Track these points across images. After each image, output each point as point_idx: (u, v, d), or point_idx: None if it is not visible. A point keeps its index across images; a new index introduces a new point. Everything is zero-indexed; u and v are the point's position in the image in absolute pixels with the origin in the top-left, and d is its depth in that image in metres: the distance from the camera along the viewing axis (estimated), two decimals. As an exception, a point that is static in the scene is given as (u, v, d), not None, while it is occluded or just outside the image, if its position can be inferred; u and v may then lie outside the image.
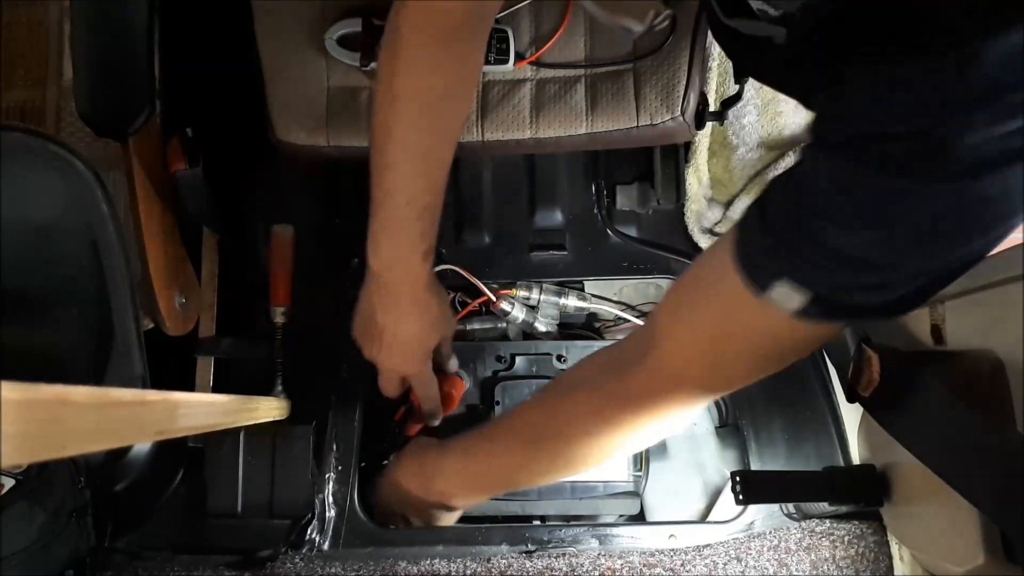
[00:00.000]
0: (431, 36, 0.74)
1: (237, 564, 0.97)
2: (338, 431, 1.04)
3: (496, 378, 1.07)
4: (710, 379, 0.66)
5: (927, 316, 0.71)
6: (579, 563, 0.97)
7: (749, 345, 0.61)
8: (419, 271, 0.84)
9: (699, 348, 0.64)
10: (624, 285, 1.15)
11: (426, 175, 0.80)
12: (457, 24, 0.74)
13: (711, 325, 0.62)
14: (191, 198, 0.98)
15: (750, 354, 0.62)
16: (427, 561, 0.97)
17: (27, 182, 0.82)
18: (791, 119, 1.11)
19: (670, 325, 0.66)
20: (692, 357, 0.65)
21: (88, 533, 0.89)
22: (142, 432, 0.41)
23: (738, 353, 0.62)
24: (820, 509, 0.96)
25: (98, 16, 0.86)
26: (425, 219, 0.81)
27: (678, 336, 0.65)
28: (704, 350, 0.64)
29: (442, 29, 0.74)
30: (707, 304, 0.62)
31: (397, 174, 0.79)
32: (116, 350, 0.84)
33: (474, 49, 0.81)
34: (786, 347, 0.60)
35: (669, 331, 0.66)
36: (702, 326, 0.63)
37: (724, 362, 0.64)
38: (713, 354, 0.64)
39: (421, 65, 0.75)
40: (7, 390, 0.27)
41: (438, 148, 0.80)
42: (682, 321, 0.65)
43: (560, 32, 0.93)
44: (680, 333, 0.65)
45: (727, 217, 1.14)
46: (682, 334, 0.65)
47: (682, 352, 0.65)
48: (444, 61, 0.76)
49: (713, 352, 0.63)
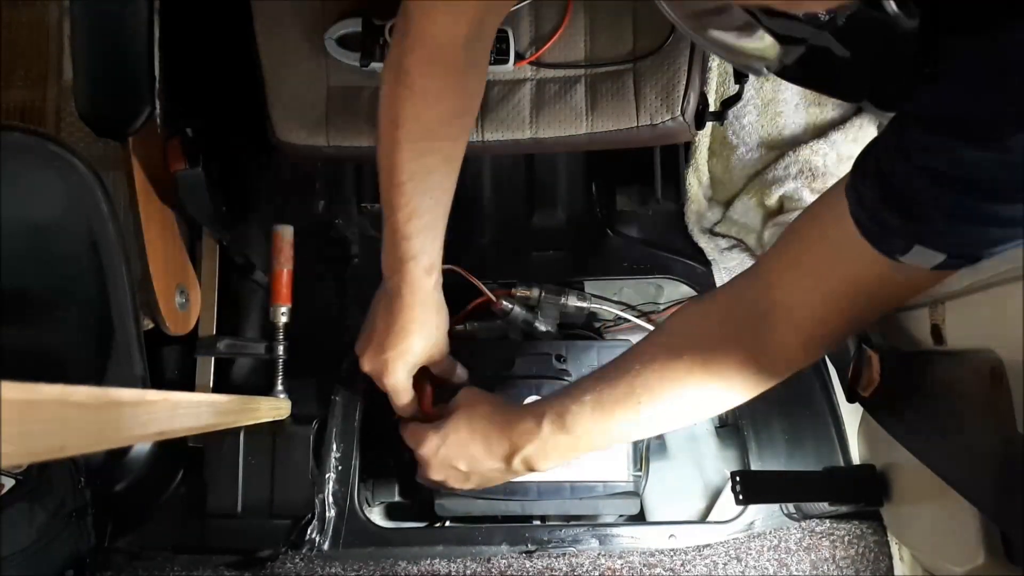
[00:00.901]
0: (433, 66, 0.78)
1: (237, 564, 0.97)
2: (338, 431, 1.04)
3: (496, 378, 1.07)
4: (831, 334, 0.71)
5: (927, 316, 0.71)
6: (579, 563, 0.97)
7: (878, 299, 0.66)
8: (421, 283, 0.85)
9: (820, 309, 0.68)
10: (624, 285, 1.15)
11: (427, 194, 0.83)
12: (458, 56, 0.78)
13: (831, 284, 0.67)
14: (191, 198, 0.98)
15: (872, 304, 0.68)
16: (427, 561, 0.97)
17: (27, 182, 0.82)
18: (791, 119, 1.11)
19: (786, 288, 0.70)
20: (812, 315, 0.69)
21: (88, 533, 0.89)
22: (142, 432, 0.41)
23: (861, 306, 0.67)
24: (820, 509, 0.96)
25: (98, 16, 0.86)
26: (425, 235, 0.83)
27: (797, 298, 0.69)
28: (828, 309, 0.68)
29: (443, 61, 0.78)
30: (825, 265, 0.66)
31: (399, 192, 0.81)
32: (116, 350, 0.84)
33: (475, 76, 0.84)
34: (911, 293, 0.67)
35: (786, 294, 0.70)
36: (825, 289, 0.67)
37: (852, 316, 0.69)
38: (837, 312, 0.68)
39: (423, 94, 0.79)
40: (7, 390, 0.27)
41: (440, 169, 0.83)
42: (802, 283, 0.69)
43: (560, 32, 0.93)
44: (800, 295, 0.69)
45: (727, 217, 1.14)
46: (802, 295, 0.69)
47: (802, 310, 0.69)
48: (445, 90, 0.80)
49: (833, 308, 0.68)
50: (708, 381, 0.75)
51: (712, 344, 0.74)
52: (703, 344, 0.75)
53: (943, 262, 0.57)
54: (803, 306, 0.69)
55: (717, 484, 1.09)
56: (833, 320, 0.69)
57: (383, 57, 0.90)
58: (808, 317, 0.69)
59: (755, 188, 1.10)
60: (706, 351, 0.74)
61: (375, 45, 0.91)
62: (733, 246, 1.13)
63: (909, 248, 0.58)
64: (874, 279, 0.63)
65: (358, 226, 1.15)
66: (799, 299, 0.69)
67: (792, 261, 0.71)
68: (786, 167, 1.08)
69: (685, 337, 0.77)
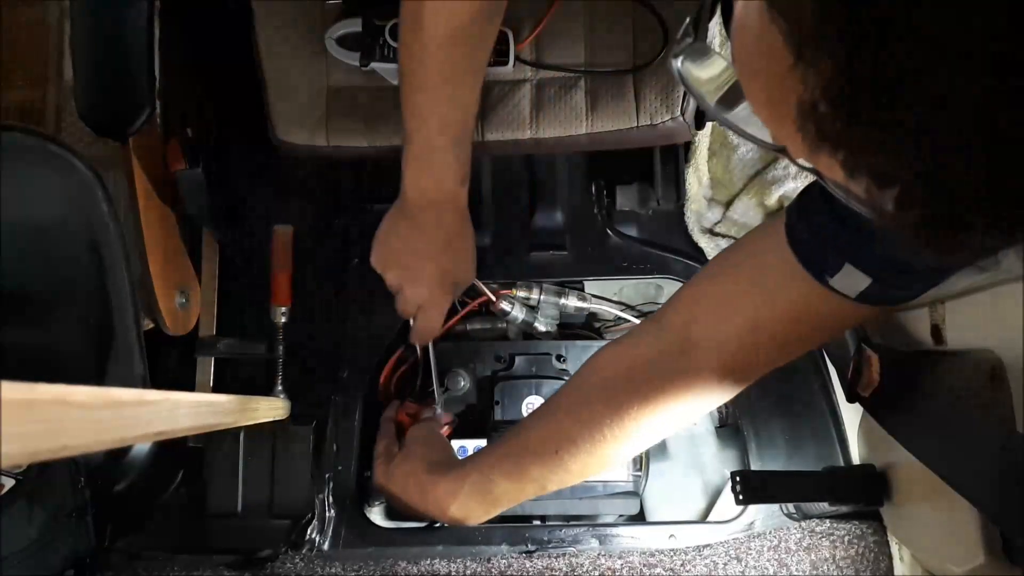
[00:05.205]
0: None
1: (237, 564, 0.97)
2: (338, 431, 1.04)
3: (496, 378, 1.07)
4: (752, 368, 0.69)
5: (927, 316, 0.71)
6: (579, 563, 0.97)
7: (799, 329, 0.64)
8: (456, 194, 0.85)
9: (746, 339, 0.66)
10: (624, 285, 1.15)
11: (457, 103, 0.81)
12: None
13: (756, 313, 0.65)
14: (191, 198, 0.98)
15: (797, 338, 0.66)
16: (427, 561, 0.97)
17: (27, 182, 0.82)
18: (791, 119, 1.11)
19: (707, 321, 0.68)
20: (738, 349, 0.67)
21: (88, 533, 0.89)
22: (142, 432, 0.41)
23: (783, 338, 0.66)
24: (820, 509, 0.96)
25: (98, 16, 0.86)
26: (458, 149, 0.83)
27: (721, 331, 0.67)
28: (753, 341, 0.66)
29: None
30: (752, 293, 0.65)
31: (430, 100, 0.79)
32: (116, 350, 0.84)
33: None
34: (834, 329, 0.66)
35: (707, 327, 0.68)
36: (748, 316, 0.66)
37: (769, 349, 0.67)
38: (757, 343, 0.66)
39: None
40: (7, 390, 0.27)
41: (468, 74, 0.81)
42: (724, 315, 0.67)
43: (545, 22, 0.92)
44: (723, 327, 0.67)
45: (727, 217, 1.14)
46: (725, 327, 0.67)
47: (727, 345, 0.67)
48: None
49: (757, 341, 0.66)
50: (622, 424, 0.73)
51: (625, 387, 0.73)
52: (616, 388, 0.73)
53: (868, 288, 0.57)
54: (727, 339, 0.68)
55: (717, 484, 1.09)
56: (758, 352, 0.68)
57: (383, 57, 0.90)
58: (733, 350, 0.68)
59: (755, 188, 1.10)
60: (618, 395, 0.73)
61: (375, 45, 0.90)
62: (733, 246, 1.13)
63: (839, 267, 0.57)
64: (801, 307, 0.62)
65: (358, 226, 1.15)
66: (723, 331, 0.68)
67: (718, 290, 0.69)
68: (786, 167, 1.08)
69: (598, 382, 0.76)
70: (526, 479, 0.78)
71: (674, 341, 0.70)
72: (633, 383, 0.72)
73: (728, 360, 0.68)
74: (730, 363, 0.68)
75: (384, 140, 0.94)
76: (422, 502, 0.84)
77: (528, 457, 0.78)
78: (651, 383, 0.71)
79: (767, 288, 0.64)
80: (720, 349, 0.68)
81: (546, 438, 0.77)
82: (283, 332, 1.05)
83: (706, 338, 0.68)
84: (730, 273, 0.69)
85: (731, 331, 0.67)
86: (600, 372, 0.77)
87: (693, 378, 0.70)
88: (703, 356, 0.69)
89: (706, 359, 0.69)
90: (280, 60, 0.95)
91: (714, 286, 0.70)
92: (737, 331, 0.67)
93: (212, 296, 1.09)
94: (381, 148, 0.95)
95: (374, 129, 0.95)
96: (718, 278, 0.70)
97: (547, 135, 0.94)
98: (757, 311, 0.65)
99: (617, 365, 0.75)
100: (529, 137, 0.94)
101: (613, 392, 0.73)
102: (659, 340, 0.73)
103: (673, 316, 0.73)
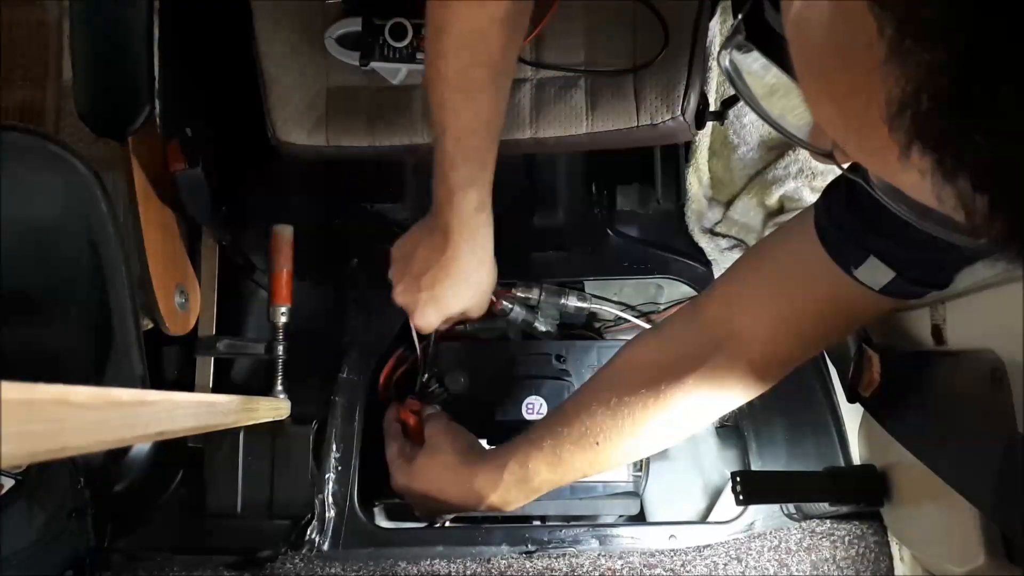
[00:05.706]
0: None
1: (237, 564, 0.97)
2: (338, 431, 1.04)
3: (496, 378, 1.07)
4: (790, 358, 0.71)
5: (927, 316, 0.71)
6: (579, 563, 0.97)
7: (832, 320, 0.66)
8: (470, 223, 0.81)
9: (784, 329, 0.68)
10: (624, 285, 1.15)
11: (475, 113, 0.76)
12: None
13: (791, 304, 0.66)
14: (191, 198, 0.98)
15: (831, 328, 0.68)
16: (427, 561, 0.97)
17: (27, 182, 0.82)
18: (791, 119, 1.11)
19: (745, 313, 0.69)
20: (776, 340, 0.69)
21: (88, 533, 0.89)
22: (142, 432, 0.41)
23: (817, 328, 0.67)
24: (820, 509, 0.96)
25: (98, 16, 0.86)
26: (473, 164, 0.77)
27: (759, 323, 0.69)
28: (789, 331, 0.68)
29: None
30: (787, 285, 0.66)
31: (445, 109, 0.75)
32: (116, 350, 0.84)
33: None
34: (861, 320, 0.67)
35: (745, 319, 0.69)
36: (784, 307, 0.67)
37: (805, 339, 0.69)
38: (794, 333, 0.68)
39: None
40: (7, 390, 0.27)
41: (487, 89, 0.75)
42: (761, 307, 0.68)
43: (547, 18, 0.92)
44: (761, 319, 0.69)
45: (728, 217, 1.14)
46: (763, 319, 0.68)
47: (765, 336, 0.69)
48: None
49: (793, 331, 0.68)
50: (663, 415, 0.74)
51: (665, 379, 0.73)
52: (656, 379, 0.74)
53: (891, 282, 0.58)
54: (765, 330, 0.69)
55: (717, 484, 1.09)
56: (790, 343, 0.69)
57: (383, 57, 0.90)
58: (771, 341, 0.69)
59: (756, 188, 1.10)
60: (659, 387, 0.73)
61: (375, 45, 0.90)
62: (734, 246, 1.13)
63: (864, 259, 0.58)
64: (830, 297, 0.64)
65: (358, 226, 1.15)
66: (761, 323, 0.69)
67: (755, 281, 0.70)
68: (786, 167, 1.08)
69: (637, 373, 0.76)
70: (567, 468, 0.79)
71: (713, 333, 0.71)
72: (675, 374, 0.73)
73: (767, 351, 0.70)
74: (769, 354, 0.70)
75: (384, 140, 0.94)
76: (458, 493, 0.84)
77: (568, 447, 0.78)
78: (693, 374, 0.72)
79: (801, 279, 0.65)
80: (759, 340, 0.69)
81: (585, 431, 0.77)
82: (283, 332, 1.05)
83: (745, 329, 0.69)
84: (766, 265, 0.70)
85: (768, 322, 0.68)
86: (639, 363, 0.77)
87: (732, 369, 0.71)
88: (743, 348, 0.70)
89: (746, 350, 0.70)
90: (280, 60, 0.95)
91: (750, 277, 0.71)
92: (773, 322, 0.68)
93: (212, 296, 1.09)
94: (381, 148, 0.95)
95: (374, 129, 0.94)
96: (753, 270, 0.71)
97: (547, 135, 0.94)
98: (792, 302, 0.67)
99: (657, 357, 0.76)
100: (529, 137, 0.94)
101: (655, 384, 0.74)
102: (697, 333, 0.73)
103: (710, 308, 0.73)
